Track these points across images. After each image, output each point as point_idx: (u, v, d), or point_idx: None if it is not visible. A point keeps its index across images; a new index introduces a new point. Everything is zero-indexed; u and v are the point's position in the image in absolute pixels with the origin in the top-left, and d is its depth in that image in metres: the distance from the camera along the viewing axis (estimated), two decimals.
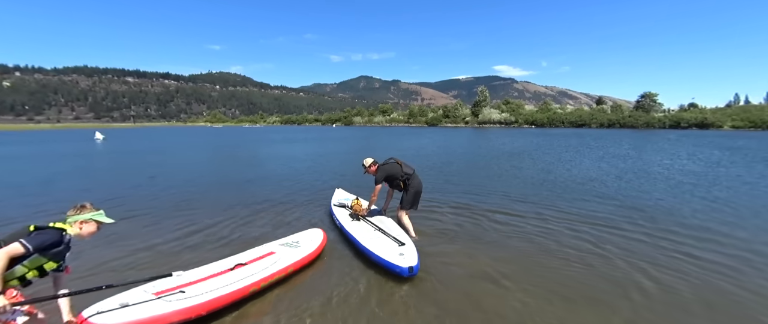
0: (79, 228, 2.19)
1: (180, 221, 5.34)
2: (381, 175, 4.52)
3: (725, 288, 3.25)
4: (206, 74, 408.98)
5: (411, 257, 3.45)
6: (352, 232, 4.28)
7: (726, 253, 4.08)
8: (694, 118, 56.77)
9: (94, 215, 2.24)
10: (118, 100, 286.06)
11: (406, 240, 3.91)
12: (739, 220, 5.45)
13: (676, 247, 4.27)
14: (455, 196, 7.07)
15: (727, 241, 4.48)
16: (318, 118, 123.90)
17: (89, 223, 2.22)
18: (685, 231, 4.87)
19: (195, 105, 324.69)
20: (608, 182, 8.70)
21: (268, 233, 4.83)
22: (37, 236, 2.00)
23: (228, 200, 6.79)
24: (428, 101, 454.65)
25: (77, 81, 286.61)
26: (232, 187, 8.24)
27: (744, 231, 4.87)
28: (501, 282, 3.38)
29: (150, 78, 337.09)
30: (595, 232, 4.81)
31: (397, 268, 3.34)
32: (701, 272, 3.57)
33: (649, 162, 12.90)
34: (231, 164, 13.15)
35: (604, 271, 3.61)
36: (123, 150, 20.17)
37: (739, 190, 7.66)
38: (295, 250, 3.78)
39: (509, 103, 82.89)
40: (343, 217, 4.86)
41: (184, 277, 3.01)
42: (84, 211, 2.23)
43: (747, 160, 13.16)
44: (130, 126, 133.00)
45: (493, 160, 13.63)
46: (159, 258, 3.96)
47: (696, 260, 3.86)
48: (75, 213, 2.21)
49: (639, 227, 5.05)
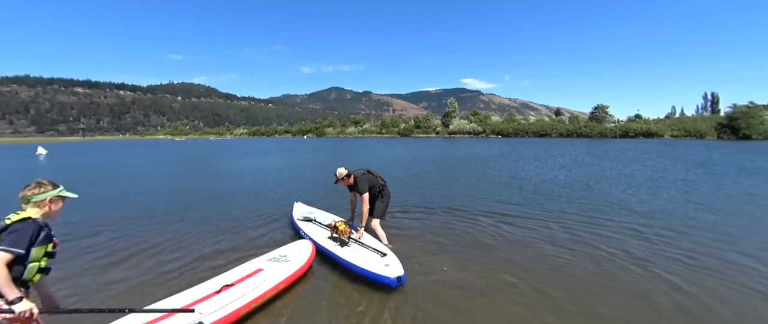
0: (48, 208, 2.07)
1: (150, 241, 4.99)
2: (365, 185, 4.56)
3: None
4: (167, 85, 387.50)
5: (396, 267, 3.51)
6: (329, 248, 4.16)
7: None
8: (640, 128, 62.70)
9: (60, 192, 2.13)
10: (65, 112, 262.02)
11: (387, 251, 3.95)
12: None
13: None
14: (431, 200, 7.25)
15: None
16: (288, 130, 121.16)
17: (56, 200, 2.11)
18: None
19: (154, 117, 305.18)
20: (588, 186, 9.32)
21: (252, 248, 4.65)
22: (13, 236, 1.85)
23: (200, 215, 6.47)
24: (399, 112, 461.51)
25: (17, 92, 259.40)
26: (203, 201, 7.82)
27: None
28: (485, 290, 3.51)
29: (102, 88, 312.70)
30: (582, 233, 5.14)
31: (386, 279, 3.36)
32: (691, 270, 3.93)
33: (637, 172, 13.97)
34: (198, 177, 12.48)
35: (587, 274, 3.87)
36: (70, 166, 18.34)
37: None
38: (284, 264, 3.66)
39: (477, 114, 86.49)
40: (315, 232, 4.69)
41: (169, 303, 2.84)
42: (45, 187, 2.07)
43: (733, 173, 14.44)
44: (79, 140, 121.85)
45: (473, 166, 14.10)
46: (136, 288, 3.67)
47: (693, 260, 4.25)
48: (38, 192, 2.04)
49: (638, 227, 5.47)
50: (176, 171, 15.62)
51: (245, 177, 12.72)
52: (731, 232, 5.38)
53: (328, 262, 4.17)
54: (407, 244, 4.77)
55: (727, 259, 4.26)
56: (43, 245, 1.98)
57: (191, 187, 10.68)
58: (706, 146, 32.97)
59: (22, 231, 1.88)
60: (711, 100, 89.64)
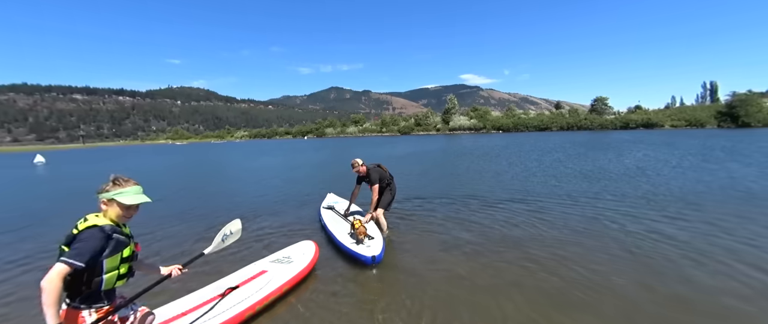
0: (118, 209, 1.82)
1: (153, 245, 4.95)
2: (376, 176, 4.96)
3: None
4: (166, 89, 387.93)
5: (375, 249, 3.98)
6: (332, 230, 4.82)
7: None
8: (641, 120, 62.49)
9: (114, 194, 1.81)
10: (64, 120, 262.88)
11: (377, 236, 4.37)
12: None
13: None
14: (433, 190, 7.23)
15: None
16: (289, 131, 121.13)
17: (111, 204, 1.82)
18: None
19: (154, 122, 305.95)
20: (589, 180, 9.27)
21: (256, 250, 4.64)
22: (75, 248, 1.66)
23: (202, 217, 6.42)
24: (399, 110, 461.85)
25: (15, 100, 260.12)
26: (205, 203, 7.80)
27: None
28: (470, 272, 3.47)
29: (101, 95, 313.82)
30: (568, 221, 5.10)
31: (362, 257, 3.88)
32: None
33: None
34: (200, 178, 12.46)
35: (570, 273, 3.82)
36: (68, 175, 18.19)
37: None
38: (287, 266, 3.63)
39: (477, 110, 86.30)
40: (328, 217, 5.45)
41: (174, 307, 2.80)
42: (108, 187, 1.83)
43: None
44: (79, 147, 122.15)
45: (473, 162, 14.05)
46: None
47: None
48: (103, 190, 1.82)
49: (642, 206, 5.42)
50: (183, 173, 15.59)
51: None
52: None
53: (333, 262, 4.19)
54: (408, 232, 4.87)
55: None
56: (117, 254, 1.81)
57: (196, 187, 10.65)
58: (709, 135, 32.80)
59: (86, 241, 1.69)
60: (710, 89, 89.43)
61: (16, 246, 5.34)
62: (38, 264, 4.43)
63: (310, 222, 5.98)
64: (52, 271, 1.57)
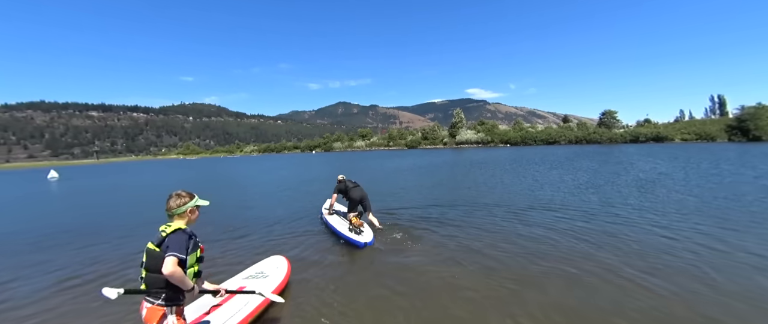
0: (188, 217, 2.28)
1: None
2: (342, 187, 6.29)
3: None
4: (179, 106, 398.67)
5: (365, 237, 5.20)
6: (332, 224, 6.01)
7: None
8: (650, 133, 61.37)
9: (196, 202, 2.33)
10: (80, 136, 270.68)
11: (366, 229, 5.56)
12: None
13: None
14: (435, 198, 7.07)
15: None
16: (297, 146, 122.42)
17: (194, 210, 2.31)
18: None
19: (166, 137, 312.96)
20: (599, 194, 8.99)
21: (226, 265, 4.57)
22: (175, 245, 2.08)
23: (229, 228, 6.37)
24: (406, 124, 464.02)
25: (32, 117, 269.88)
26: (223, 214, 7.78)
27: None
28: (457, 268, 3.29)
29: (116, 111, 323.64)
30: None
31: (356, 242, 5.09)
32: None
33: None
34: (213, 192, 12.49)
35: (545, 267, 3.61)
36: (80, 189, 18.39)
37: None
38: (265, 280, 3.55)
39: (484, 123, 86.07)
40: (327, 216, 6.57)
41: None
42: (182, 199, 2.27)
43: None
44: (93, 162, 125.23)
45: (477, 173, 13.84)
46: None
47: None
48: (181, 203, 2.25)
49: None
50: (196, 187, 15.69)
51: (247, 187, 12.67)
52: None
53: (303, 273, 4.18)
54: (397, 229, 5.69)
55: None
56: (195, 252, 2.23)
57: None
58: (724, 149, 31.91)
59: (179, 240, 2.11)
60: (718, 103, 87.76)
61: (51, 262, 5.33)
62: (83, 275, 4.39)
63: (284, 239, 5.90)
64: (168, 262, 2.00)
